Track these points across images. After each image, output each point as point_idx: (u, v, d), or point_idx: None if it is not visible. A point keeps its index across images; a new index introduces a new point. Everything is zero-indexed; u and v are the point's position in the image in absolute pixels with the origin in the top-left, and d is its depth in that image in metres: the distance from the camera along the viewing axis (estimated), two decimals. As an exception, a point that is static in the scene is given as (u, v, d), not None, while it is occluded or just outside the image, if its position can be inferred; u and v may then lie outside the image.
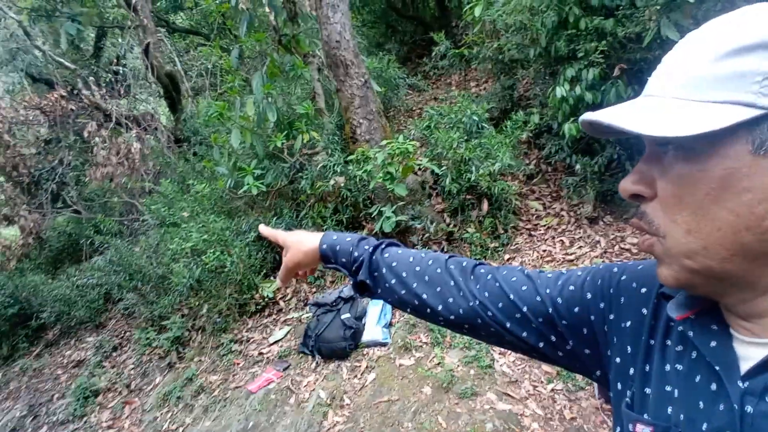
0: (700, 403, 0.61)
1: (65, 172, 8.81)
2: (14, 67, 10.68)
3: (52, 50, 9.62)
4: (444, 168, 4.70)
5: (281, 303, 4.89)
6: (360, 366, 3.97)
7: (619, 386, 0.74)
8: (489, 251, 4.62)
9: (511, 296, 0.86)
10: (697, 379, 0.63)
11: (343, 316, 4.17)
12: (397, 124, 6.36)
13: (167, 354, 5.16)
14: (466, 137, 4.78)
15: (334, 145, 5.11)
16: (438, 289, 0.93)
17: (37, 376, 6.53)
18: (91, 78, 9.24)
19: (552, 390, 3.29)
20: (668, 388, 0.66)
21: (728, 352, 0.61)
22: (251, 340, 4.71)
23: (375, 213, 4.50)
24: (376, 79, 5.57)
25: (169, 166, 7.49)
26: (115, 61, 10.63)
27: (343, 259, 1.04)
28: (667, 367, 0.67)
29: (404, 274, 0.97)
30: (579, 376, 3.30)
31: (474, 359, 3.64)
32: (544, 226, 4.77)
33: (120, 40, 11.00)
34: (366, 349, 4.09)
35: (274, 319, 4.82)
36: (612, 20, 4.08)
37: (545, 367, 3.50)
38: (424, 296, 0.94)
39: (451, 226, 4.77)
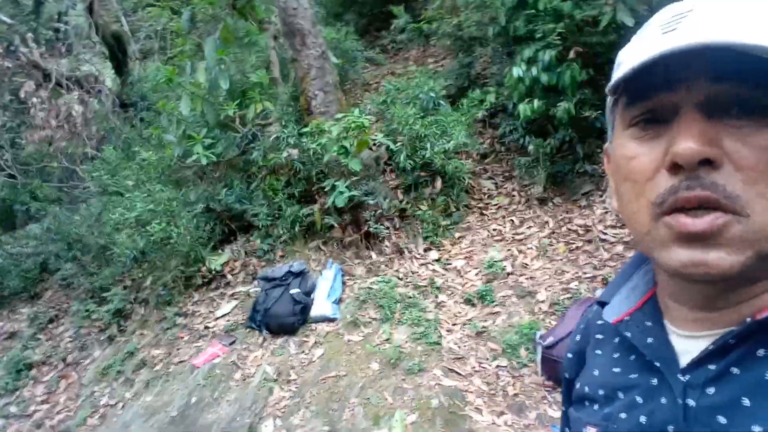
0: (637, 398, 0.62)
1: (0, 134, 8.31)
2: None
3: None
4: (399, 144, 4.66)
5: (229, 276, 4.79)
6: (308, 341, 3.94)
7: (573, 412, 0.76)
8: (441, 229, 4.64)
9: None
10: (635, 376, 0.64)
11: (292, 291, 4.11)
12: (354, 98, 6.25)
13: (107, 327, 4.99)
14: (422, 114, 4.75)
15: (288, 117, 4.98)
16: None
17: (-34, 348, 6.22)
18: (30, 35, 8.70)
19: (497, 367, 3.35)
20: (607, 392, 0.67)
21: (666, 346, 0.61)
22: (197, 314, 4.60)
23: (328, 187, 4.43)
24: (333, 51, 5.44)
25: (113, 131, 7.17)
26: (56, 17, 10.04)
27: None
28: (604, 373, 0.70)
29: None
30: (523, 354, 3.38)
31: (422, 336, 3.66)
32: (496, 205, 4.82)
33: (62, -5, 10.38)
34: (314, 325, 4.05)
35: (221, 292, 4.72)
36: (570, 3, 4.10)
37: (491, 344, 3.56)
38: None
39: (404, 202, 4.75)
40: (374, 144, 4.74)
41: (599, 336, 0.75)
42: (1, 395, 4.94)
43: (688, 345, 0.59)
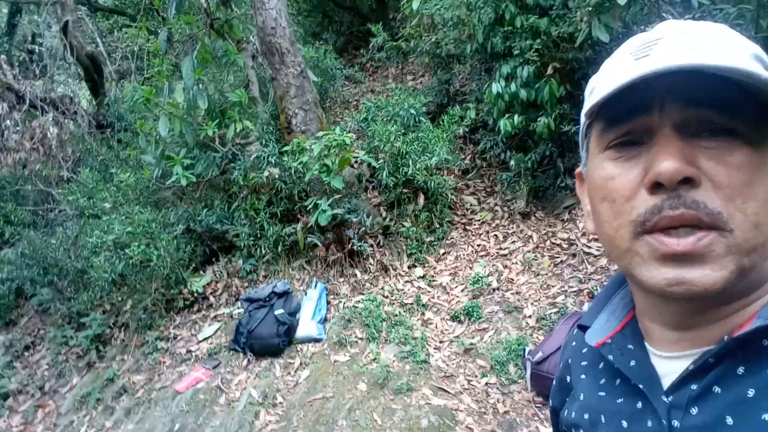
0: (623, 422, 0.62)
1: (-28, 157, 8.12)
2: None
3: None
4: (381, 161, 4.66)
5: (211, 298, 4.71)
6: (293, 363, 3.88)
7: None
8: (425, 245, 4.63)
9: None
10: (620, 401, 0.64)
11: (276, 312, 4.05)
12: (334, 116, 6.26)
13: (86, 353, 4.85)
14: (403, 131, 4.76)
15: (269, 136, 4.95)
16: None
17: (-62, 379, 6.00)
18: (3, 56, 8.57)
19: (486, 384, 3.33)
20: (592, 417, 0.68)
21: (649, 368, 0.62)
22: (179, 338, 4.51)
23: (310, 206, 4.39)
24: (312, 69, 5.44)
25: (90, 153, 7.04)
26: (30, 39, 9.91)
27: None
28: (589, 399, 0.70)
29: None
30: (512, 370, 3.36)
31: (410, 354, 3.63)
32: (479, 220, 4.83)
33: (36, 17, 10.24)
34: (300, 346, 4.00)
35: (204, 315, 4.64)
36: (546, 19, 4.16)
37: (480, 361, 3.54)
38: None
39: (388, 219, 4.74)
40: (356, 161, 4.73)
41: (584, 363, 0.75)
42: (-25, 427, 4.77)
43: (669, 366, 0.60)
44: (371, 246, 4.58)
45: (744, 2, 3.05)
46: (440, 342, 3.78)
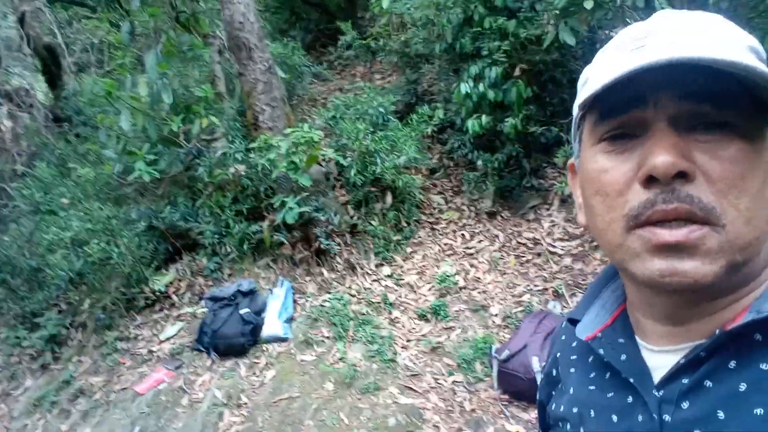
0: (613, 416, 0.62)
1: None
2: None
3: None
4: (349, 159, 4.63)
5: (174, 297, 4.60)
6: (259, 363, 3.82)
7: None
8: (392, 244, 4.63)
9: None
10: (610, 395, 0.64)
11: (241, 311, 3.98)
12: (301, 113, 6.19)
13: (40, 354, 4.67)
14: (372, 129, 4.74)
15: (235, 132, 4.86)
16: None
17: None
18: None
19: (453, 382, 3.34)
20: (582, 411, 0.67)
21: (639, 362, 0.61)
22: (140, 338, 4.39)
23: (277, 203, 4.34)
24: (280, 66, 5.37)
25: (46, 147, 6.81)
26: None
27: None
28: (579, 393, 0.69)
29: None
30: (478, 368, 3.38)
31: (377, 353, 3.62)
32: (446, 219, 4.86)
33: (-10, 5, 9.84)
34: (265, 345, 3.94)
35: (166, 314, 4.52)
36: (514, 21, 4.21)
37: (446, 359, 3.55)
38: None
39: (355, 218, 4.72)
40: (323, 159, 4.70)
41: (573, 357, 0.75)
42: None
43: (660, 360, 0.60)
44: (338, 244, 4.55)
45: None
46: (407, 341, 3.78)
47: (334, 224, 4.50)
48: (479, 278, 4.17)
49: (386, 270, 4.48)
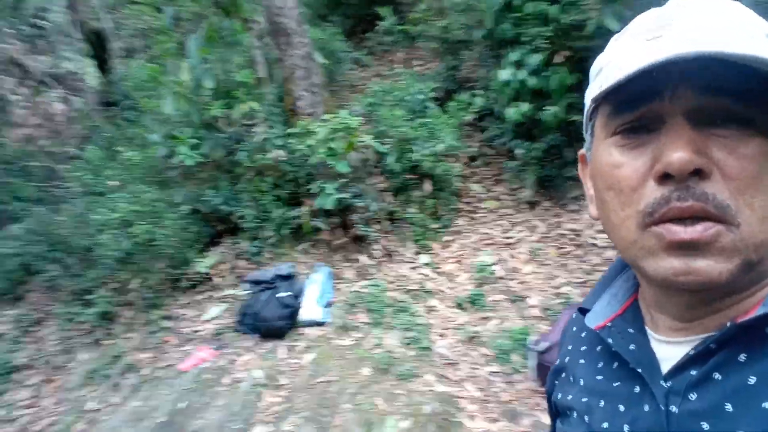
0: (620, 406, 0.61)
1: (-22, 131, 8.13)
2: None
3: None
4: (387, 146, 4.64)
5: (216, 279, 4.74)
6: (297, 346, 3.92)
7: (559, 423, 0.76)
8: (430, 232, 4.64)
9: None
10: (617, 384, 0.64)
11: (280, 294, 4.08)
12: (340, 99, 6.21)
13: (93, 330, 4.90)
14: (410, 116, 4.74)
15: (275, 117, 4.93)
16: None
17: (-53, 351, 6.09)
18: (10, 30, 8.52)
19: (490, 372, 3.36)
20: (590, 401, 0.67)
21: (648, 353, 0.61)
22: (184, 317, 4.55)
23: (316, 189, 4.40)
24: (319, 52, 5.40)
25: (95, 130, 7.04)
26: (36, 14, 9.82)
27: None
28: (588, 383, 0.69)
29: None
30: (515, 359, 3.39)
31: (413, 341, 3.66)
32: (485, 209, 4.83)
33: (42, -10, 10.14)
34: (304, 329, 4.03)
35: (209, 295, 4.67)
36: (557, 6, 4.11)
37: (483, 349, 3.57)
38: None
39: (393, 205, 4.74)
40: (362, 146, 4.72)
41: (583, 347, 0.75)
42: (-14, 399, 4.84)
43: (669, 351, 0.60)
44: (376, 231, 4.59)
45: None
46: (444, 329, 3.81)
47: (372, 211, 4.54)
48: (518, 269, 4.14)
49: (424, 258, 4.50)
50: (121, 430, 3.68)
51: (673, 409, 0.56)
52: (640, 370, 0.60)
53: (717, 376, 0.54)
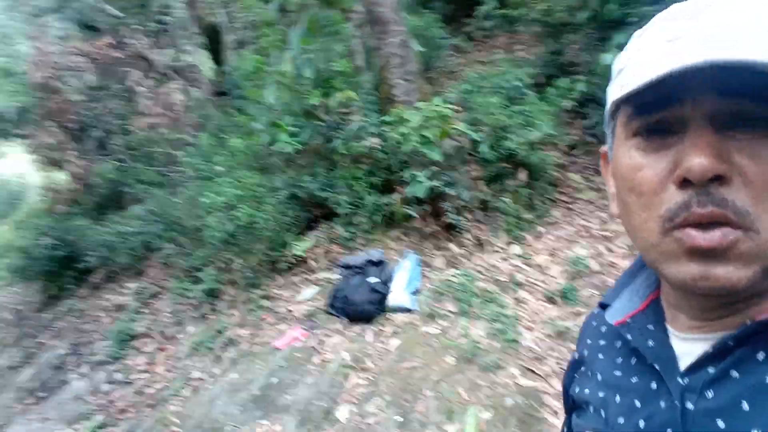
0: (636, 402, 0.62)
1: (111, 120, 9.00)
2: (65, 16, 10.75)
3: (100, -2, 9.67)
4: (482, 134, 4.56)
5: (311, 262, 4.92)
6: (385, 331, 3.98)
7: (574, 418, 0.76)
8: (524, 223, 4.51)
9: None
10: (635, 380, 0.64)
11: (370, 280, 4.16)
12: (437, 87, 6.18)
13: (200, 305, 5.29)
14: (506, 103, 4.61)
15: (371, 106, 5.01)
16: None
17: (81, 317, 6.85)
18: (138, 27, 9.31)
19: (576, 370, 3.22)
20: (607, 396, 0.67)
21: (666, 349, 0.62)
22: (280, 297, 4.78)
23: (408, 177, 4.42)
24: (417, 39, 5.39)
25: (208, 119, 7.53)
26: (161, 11, 10.65)
27: None
28: (605, 377, 0.69)
29: None
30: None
31: (500, 332, 3.59)
32: (583, 199, 4.61)
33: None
34: (391, 314, 4.09)
35: (304, 278, 4.86)
36: (671, -17, 3.80)
37: (572, 345, 3.43)
38: None
39: (486, 194, 4.66)
40: (456, 134, 4.67)
41: (602, 342, 0.75)
42: (110, 362, 5.40)
43: (688, 348, 0.60)
44: (468, 220, 4.54)
45: None
46: (532, 322, 3.70)
47: (465, 200, 4.49)
48: (614, 263, 3.93)
49: (516, 249, 4.39)
50: (220, 399, 3.95)
51: (689, 406, 0.56)
52: (657, 366, 0.61)
53: (734, 374, 0.54)
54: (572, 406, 0.78)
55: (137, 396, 4.68)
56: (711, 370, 0.55)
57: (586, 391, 0.72)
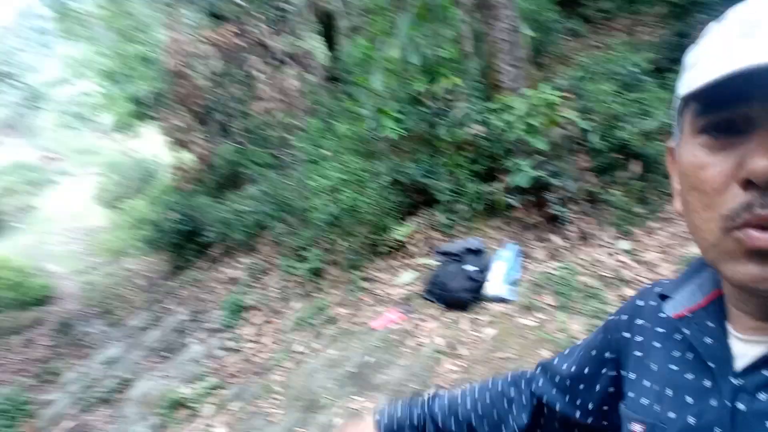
0: (688, 398, 0.62)
1: (232, 104, 9.61)
2: (196, 5, 11.53)
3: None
4: (593, 123, 4.35)
5: (411, 247, 4.99)
6: (480, 319, 3.96)
7: (623, 407, 0.75)
8: (634, 217, 4.26)
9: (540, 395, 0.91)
10: (690, 376, 0.63)
11: (467, 267, 4.15)
12: (549, 72, 5.96)
13: (305, 283, 5.56)
14: (621, 90, 4.35)
15: (477, 92, 4.94)
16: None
17: (200, 287, 7.46)
18: (259, 14, 9.81)
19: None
20: (660, 389, 0.67)
21: (723, 348, 0.61)
22: (379, 280, 4.90)
23: (511, 166, 4.33)
24: (529, 23, 5.23)
25: (319, 104, 7.81)
26: (281, -1, 11.13)
27: (408, 428, 1.00)
28: (661, 369, 0.68)
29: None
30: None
31: (599, 330, 3.45)
32: (704, 194, 4.26)
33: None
34: (488, 304, 4.06)
35: (403, 262, 4.95)
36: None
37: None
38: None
39: (595, 186, 4.44)
40: (565, 122, 4.49)
41: (660, 329, 0.72)
42: (222, 330, 5.85)
43: (746, 349, 0.59)
44: (573, 212, 4.37)
45: None
46: (636, 322, 3.51)
47: (570, 191, 4.32)
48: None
49: (624, 244, 4.17)
50: (318, 373, 4.15)
51: (740, 406, 0.56)
52: (711, 364, 0.61)
53: None
54: (617, 390, 0.78)
55: (246, 363, 5.03)
56: (766, 372, 0.55)
57: (645, 382, 0.71)
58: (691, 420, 0.60)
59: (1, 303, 10.77)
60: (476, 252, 4.27)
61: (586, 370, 0.84)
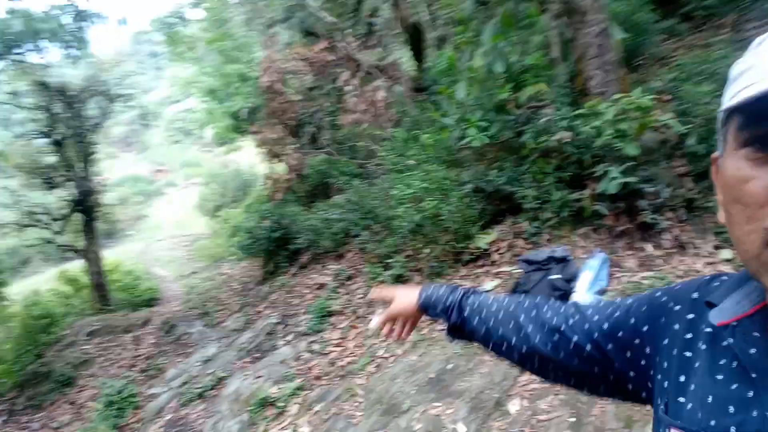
0: (730, 408, 0.61)
1: (322, 117, 9.98)
2: (291, 24, 12.10)
3: (319, 5, 10.71)
4: (690, 126, 4.12)
5: (494, 255, 4.94)
6: (564, 330, 3.84)
7: (659, 400, 0.74)
8: (735, 226, 3.98)
9: (563, 328, 0.90)
10: (734, 386, 0.62)
11: (552, 277, 4.05)
12: (644, 75, 5.70)
13: (389, 289, 5.63)
14: (721, 91, 4.09)
15: (564, 98, 4.83)
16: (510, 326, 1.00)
17: (290, 292, 7.76)
18: (349, 30, 10.15)
19: None
20: (704, 395, 0.66)
21: (766, 359, 0.60)
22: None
23: (600, 173, 4.19)
24: (621, 24, 5.04)
25: (406, 114, 7.93)
26: (370, 14, 11.44)
27: (440, 307, 1.14)
28: (705, 375, 0.67)
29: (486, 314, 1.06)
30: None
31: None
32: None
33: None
34: (573, 314, 3.93)
35: (487, 270, 4.90)
36: None
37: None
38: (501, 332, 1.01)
39: (693, 192, 4.20)
40: (660, 126, 4.28)
41: (708, 329, 0.70)
42: (310, 334, 6.05)
43: None
44: (668, 220, 4.15)
45: None
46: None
47: (665, 197, 4.11)
48: None
49: (726, 253, 3.90)
50: (399, 378, 4.20)
51: None
52: (754, 375, 0.60)
53: None
54: (666, 388, 0.74)
55: (330, 366, 5.17)
56: None
57: (692, 387, 0.69)
58: (732, 430, 0.59)
59: (115, 303, 11.77)
60: (562, 260, 4.16)
61: (620, 334, 0.82)
